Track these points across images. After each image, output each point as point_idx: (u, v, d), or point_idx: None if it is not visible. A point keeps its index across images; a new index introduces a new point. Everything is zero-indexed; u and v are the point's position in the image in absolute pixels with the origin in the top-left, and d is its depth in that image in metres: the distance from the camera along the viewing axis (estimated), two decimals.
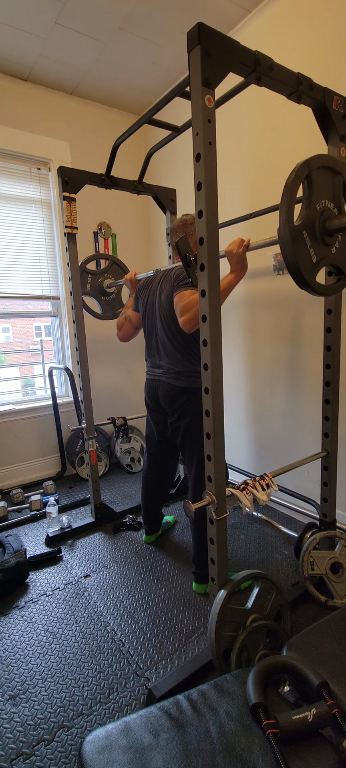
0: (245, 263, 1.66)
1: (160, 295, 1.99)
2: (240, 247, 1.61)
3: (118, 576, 2.14)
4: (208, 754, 0.88)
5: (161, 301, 1.97)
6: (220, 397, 1.36)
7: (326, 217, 1.27)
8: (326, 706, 0.93)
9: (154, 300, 2.05)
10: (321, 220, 1.26)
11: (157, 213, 3.60)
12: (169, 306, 1.91)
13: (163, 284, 1.98)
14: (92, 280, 2.81)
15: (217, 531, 1.41)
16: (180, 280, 1.82)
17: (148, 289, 2.11)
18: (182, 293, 1.78)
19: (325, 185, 1.28)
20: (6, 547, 2.20)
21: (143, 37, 2.71)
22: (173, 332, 1.94)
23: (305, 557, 1.81)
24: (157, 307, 2.02)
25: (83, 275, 2.76)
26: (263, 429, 2.84)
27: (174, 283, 1.86)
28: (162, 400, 2.03)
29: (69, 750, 1.28)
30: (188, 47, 1.21)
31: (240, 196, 2.79)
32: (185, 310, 1.73)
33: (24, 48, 2.74)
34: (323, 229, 1.27)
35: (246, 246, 1.61)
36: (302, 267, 1.23)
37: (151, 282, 2.11)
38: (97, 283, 2.86)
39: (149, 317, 2.08)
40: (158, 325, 2.02)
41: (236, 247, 1.62)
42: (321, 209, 1.27)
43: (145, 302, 2.11)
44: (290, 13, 2.31)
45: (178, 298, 1.80)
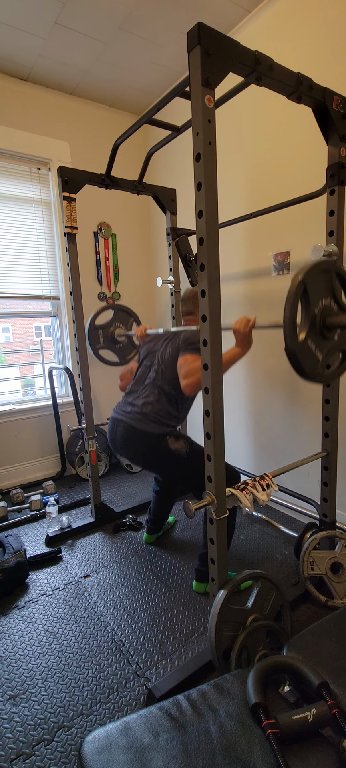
0: (251, 341, 1.80)
1: (165, 348, 2.05)
2: (246, 327, 1.75)
3: (118, 576, 2.14)
4: (208, 754, 0.88)
5: (164, 352, 2.03)
6: (220, 397, 1.36)
7: (326, 314, 1.34)
8: (326, 706, 0.93)
9: (156, 348, 2.11)
10: (321, 318, 1.33)
11: (157, 213, 3.60)
12: (171, 359, 1.97)
13: (171, 341, 2.05)
14: (104, 333, 2.91)
15: (217, 531, 1.41)
16: (188, 344, 1.91)
17: (153, 342, 2.18)
18: (186, 356, 1.87)
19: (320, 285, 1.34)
20: (6, 547, 2.20)
21: (143, 37, 2.71)
22: (164, 381, 1.98)
23: (305, 557, 1.81)
24: (158, 355, 2.07)
25: (95, 331, 2.85)
26: (263, 429, 2.84)
27: (182, 344, 1.94)
28: (119, 443, 2.03)
29: (69, 750, 1.28)
30: (188, 47, 1.21)
31: (240, 196, 2.79)
32: (189, 374, 1.82)
33: (24, 48, 2.74)
34: (324, 326, 1.34)
35: (252, 326, 1.75)
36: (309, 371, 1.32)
37: (158, 337, 2.18)
38: (109, 334, 2.94)
39: (147, 361, 2.14)
40: (153, 369, 2.06)
41: (242, 327, 1.75)
42: (320, 309, 1.33)
43: (148, 349, 2.17)
44: (290, 13, 2.31)
45: (182, 361, 1.88)
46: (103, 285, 3.66)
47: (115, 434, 2.04)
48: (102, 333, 2.88)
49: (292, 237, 2.46)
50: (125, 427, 1.97)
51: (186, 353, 1.89)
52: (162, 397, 1.97)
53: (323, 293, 1.34)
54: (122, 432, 1.98)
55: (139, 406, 1.98)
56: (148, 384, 2.04)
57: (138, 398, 2.03)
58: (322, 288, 1.34)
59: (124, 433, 1.97)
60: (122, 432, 1.98)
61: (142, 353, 2.21)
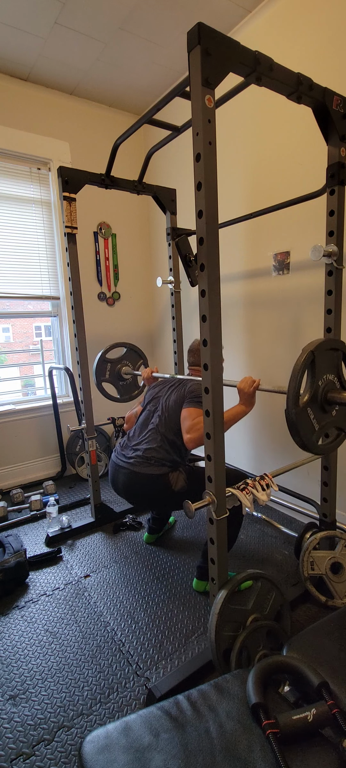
0: (254, 401, 1.86)
1: (170, 395, 2.07)
2: (251, 387, 1.82)
3: (118, 576, 2.14)
4: (208, 754, 0.88)
5: (169, 398, 2.06)
6: (220, 397, 1.36)
7: (328, 389, 1.40)
8: (326, 706, 0.93)
9: (161, 394, 2.13)
10: (323, 391, 1.39)
11: (157, 213, 3.60)
12: (175, 407, 2.00)
13: (176, 388, 2.07)
14: (111, 367, 2.95)
15: (217, 531, 1.41)
16: (193, 396, 1.94)
17: (159, 386, 2.21)
18: (191, 410, 1.91)
19: (327, 362, 1.41)
20: (6, 547, 2.20)
21: (143, 37, 2.71)
22: (166, 429, 2.00)
23: (305, 557, 1.81)
24: (162, 401, 2.09)
25: (103, 363, 2.89)
26: (263, 429, 2.84)
27: (187, 395, 1.97)
28: (121, 488, 2.04)
29: (69, 750, 1.28)
30: (188, 47, 1.21)
31: (240, 196, 2.79)
32: (192, 429, 1.85)
33: (24, 48, 2.74)
34: (325, 400, 1.40)
35: (256, 387, 1.82)
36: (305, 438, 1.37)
37: (164, 382, 2.21)
38: (116, 370, 2.97)
39: (151, 405, 2.16)
40: (157, 415, 2.08)
41: (247, 387, 1.82)
42: (323, 383, 1.40)
43: (153, 394, 2.19)
44: (290, 13, 2.31)
45: (186, 413, 1.91)
46: (103, 285, 3.66)
47: (117, 480, 2.06)
48: (110, 367, 2.94)
49: (292, 237, 2.46)
50: (127, 474, 1.98)
51: (190, 406, 1.92)
52: (165, 443, 1.98)
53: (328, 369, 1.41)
54: (124, 478, 2.00)
55: (141, 451, 2.00)
56: (152, 429, 2.05)
57: (141, 443, 2.04)
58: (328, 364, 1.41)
59: (127, 480, 1.99)
60: (124, 478, 2.00)
61: (147, 397, 2.23)
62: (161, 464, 1.94)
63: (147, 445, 2.01)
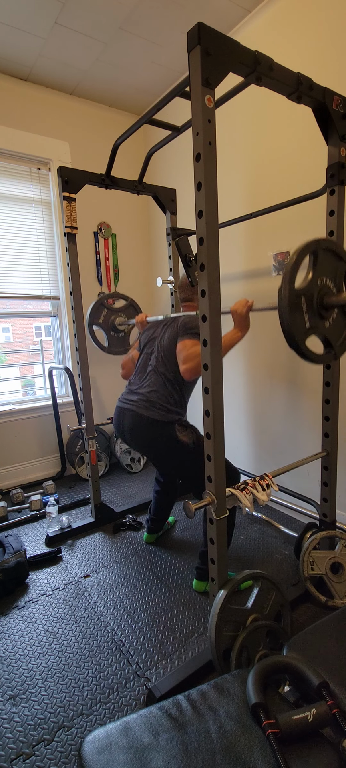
0: (248, 323, 1.82)
1: (164, 334, 2.05)
2: (244, 308, 1.77)
3: (118, 576, 2.14)
4: (208, 754, 0.88)
5: (163, 338, 2.04)
6: (220, 397, 1.36)
7: (325, 292, 1.36)
8: (326, 706, 0.93)
9: (155, 335, 2.11)
10: (320, 294, 1.35)
11: (157, 213, 3.60)
12: (170, 345, 1.97)
13: (170, 327, 2.05)
14: (107, 314, 2.89)
15: (217, 531, 1.41)
16: (186, 329, 1.91)
17: (152, 329, 2.18)
18: (185, 341, 1.87)
19: (328, 265, 1.37)
20: (6, 547, 2.20)
21: (143, 37, 2.71)
22: (166, 368, 1.98)
23: (305, 557, 1.81)
24: (157, 341, 2.07)
25: (100, 307, 2.83)
26: (263, 429, 2.84)
27: (180, 329, 1.94)
28: (127, 431, 2.02)
29: (69, 750, 1.28)
30: (188, 47, 1.21)
31: (240, 196, 2.79)
32: (188, 359, 1.82)
33: (24, 48, 2.74)
34: (321, 303, 1.35)
35: (249, 307, 1.77)
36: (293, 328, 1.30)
37: (158, 324, 2.19)
38: (110, 318, 2.92)
39: (147, 348, 2.14)
40: (154, 357, 2.06)
41: (240, 308, 1.77)
42: (321, 284, 1.35)
43: (148, 337, 2.17)
44: (290, 13, 2.31)
45: (181, 346, 1.88)
46: (103, 285, 3.66)
47: (122, 423, 2.03)
48: (105, 313, 2.86)
49: (292, 237, 2.45)
50: (133, 415, 1.96)
51: (185, 338, 1.88)
52: (166, 383, 1.96)
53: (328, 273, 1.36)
54: (130, 420, 1.98)
55: (144, 394, 1.98)
56: (151, 371, 2.03)
57: (142, 386, 2.02)
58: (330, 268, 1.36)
59: (132, 421, 1.97)
60: (130, 420, 1.98)
61: (143, 340, 2.20)
62: (166, 409, 1.92)
63: (148, 388, 1.99)
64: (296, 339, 1.31)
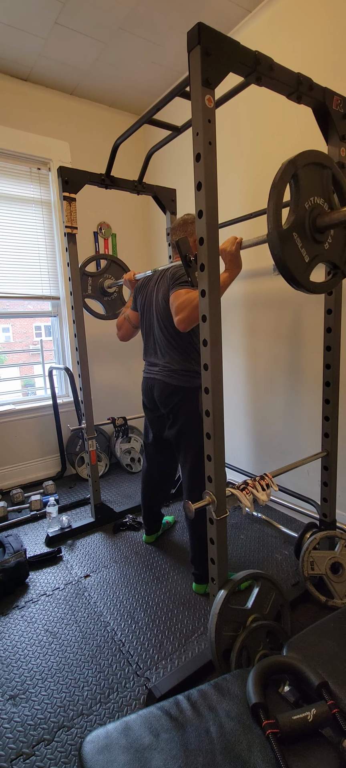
0: (240, 261, 1.66)
1: (157, 295, 1.99)
2: (233, 245, 1.61)
3: (118, 576, 2.14)
4: (208, 754, 0.88)
5: (158, 300, 1.98)
6: (220, 397, 1.36)
7: (316, 214, 1.23)
8: (326, 706, 0.93)
9: (151, 299, 2.05)
10: (311, 218, 1.23)
11: (157, 213, 3.60)
12: (166, 305, 1.91)
13: (160, 283, 1.98)
14: (93, 282, 2.82)
15: (217, 531, 1.41)
16: (176, 279, 1.82)
17: (145, 289, 2.12)
18: (177, 292, 1.78)
19: (313, 181, 1.24)
20: (6, 547, 2.20)
21: (143, 37, 2.71)
22: (169, 331, 1.94)
23: (305, 557, 1.81)
24: (154, 306, 2.02)
25: (84, 278, 2.77)
26: (263, 429, 2.84)
27: (170, 282, 1.86)
28: (157, 399, 2.02)
29: (69, 750, 1.28)
30: (188, 47, 1.21)
31: (240, 196, 2.79)
32: (180, 309, 1.73)
33: (24, 48, 2.74)
34: (314, 227, 1.23)
35: (239, 244, 1.61)
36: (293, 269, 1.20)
37: (149, 281, 2.12)
38: (98, 285, 2.86)
39: (147, 316, 2.09)
40: (155, 324, 2.02)
41: (229, 246, 1.62)
42: (310, 207, 1.23)
43: (143, 302, 2.12)
44: (290, 13, 2.31)
45: (173, 297, 1.80)
46: None
47: (151, 392, 2.05)
48: (91, 281, 2.77)
49: None
50: (160, 384, 1.98)
51: (175, 289, 1.80)
52: (177, 348, 1.94)
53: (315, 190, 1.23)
54: (159, 388, 1.98)
55: (162, 364, 1.98)
56: (158, 340, 2.01)
57: (157, 357, 2.03)
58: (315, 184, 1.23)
59: (161, 390, 1.97)
60: (159, 388, 1.98)
61: (139, 304, 2.15)
62: (188, 375, 1.91)
63: (164, 358, 1.99)
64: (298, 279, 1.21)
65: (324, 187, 1.26)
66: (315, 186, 1.25)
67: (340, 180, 1.31)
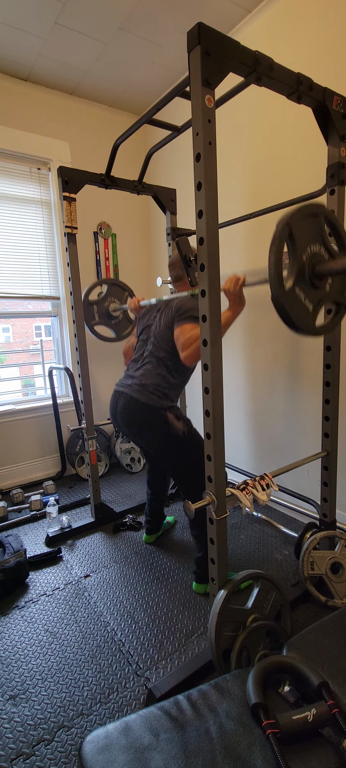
0: (243, 299, 1.70)
1: (159, 320, 2.03)
2: (237, 285, 1.66)
3: (118, 576, 2.14)
4: (208, 754, 0.88)
5: (159, 324, 2.01)
6: (220, 397, 1.36)
7: (315, 262, 1.25)
8: (326, 706, 0.93)
9: (152, 323, 2.09)
10: (310, 266, 1.24)
11: (157, 213, 3.60)
12: (166, 331, 1.94)
13: (164, 312, 2.02)
14: (98, 308, 2.88)
15: (217, 531, 1.41)
16: (182, 313, 1.86)
17: (148, 314, 2.16)
18: (183, 327, 1.82)
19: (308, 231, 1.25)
20: (6, 547, 2.20)
21: (143, 37, 2.71)
22: (162, 352, 1.96)
23: (305, 557, 1.81)
24: (153, 327, 2.05)
25: (89, 307, 2.82)
26: (263, 429, 2.84)
27: (175, 313, 1.89)
28: (119, 414, 2.00)
29: (69, 750, 1.28)
30: (188, 47, 1.21)
31: (240, 196, 2.79)
32: (187, 345, 1.77)
33: (24, 48, 2.74)
34: (314, 274, 1.25)
35: (242, 283, 1.66)
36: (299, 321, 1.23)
37: (152, 309, 2.16)
38: (104, 310, 2.91)
39: (144, 335, 2.12)
40: (150, 342, 2.04)
41: (232, 286, 1.66)
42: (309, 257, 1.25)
43: (144, 324, 2.16)
44: (290, 13, 2.31)
45: (179, 332, 1.83)
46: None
47: (115, 406, 2.03)
48: (97, 308, 2.85)
49: None
50: (125, 398, 1.95)
51: (181, 323, 1.83)
52: (161, 366, 1.93)
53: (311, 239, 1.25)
54: (122, 403, 1.96)
55: (138, 377, 1.96)
56: (147, 356, 2.01)
57: (137, 370, 2.01)
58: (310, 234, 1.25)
59: (124, 404, 1.95)
60: (122, 403, 1.96)
61: (139, 328, 2.18)
62: (158, 394, 1.89)
63: (142, 371, 1.97)
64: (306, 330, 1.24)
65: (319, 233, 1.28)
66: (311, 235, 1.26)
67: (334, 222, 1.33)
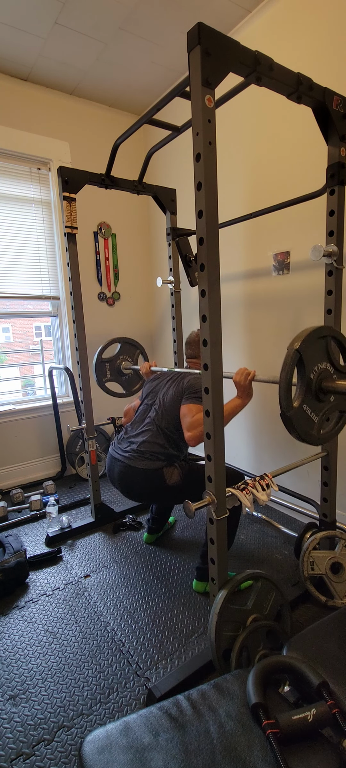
0: (251, 392, 1.83)
1: (168, 389, 2.05)
2: (246, 380, 1.79)
3: (118, 576, 2.14)
4: (208, 754, 0.88)
5: (167, 392, 2.04)
6: (220, 397, 1.36)
7: (322, 378, 1.34)
8: (326, 706, 0.93)
9: (159, 388, 2.11)
10: (317, 382, 1.33)
11: (158, 213, 3.60)
12: (172, 402, 1.98)
13: (174, 382, 2.05)
14: (110, 366, 2.95)
15: (217, 531, 1.41)
16: (192, 392, 1.91)
17: (157, 380, 2.19)
18: (190, 406, 1.88)
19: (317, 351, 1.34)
20: (6, 547, 2.20)
21: (143, 37, 2.71)
22: (165, 423, 1.98)
23: (305, 557, 1.81)
24: (160, 394, 2.08)
25: (102, 364, 2.89)
26: (263, 429, 2.84)
27: (185, 390, 1.94)
28: (116, 481, 2.03)
29: (69, 750, 1.28)
30: (188, 47, 1.21)
31: (240, 196, 2.79)
32: (192, 427, 1.82)
33: (24, 48, 2.74)
34: (320, 390, 1.34)
35: (251, 378, 1.79)
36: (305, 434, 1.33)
37: (162, 375, 2.19)
38: (115, 367, 2.97)
39: (149, 399, 2.14)
40: (154, 409, 2.06)
41: (243, 379, 1.79)
42: (316, 374, 1.33)
43: (151, 388, 2.18)
44: (290, 13, 2.31)
45: (186, 410, 1.88)
46: (103, 285, 3.66)
47: (113, 472, 2.06)
48: (109, 366, 2.95)
49: (292, 237, 2.46)
50: (122, 467, 1.98)
51: (190, 402, 1.89)
52: (160, 436, 1.97)
53: (319, 358, 1.35)
54: (119, 470, 1.99)
55: (137, 444, 1.99)
56: (148, 422, 2.04)
57: (137, 436, 2.03)
58: (318, 354, 1.35)
59: (121, 472, 1.98)
60: (119, 470, 1.99)
61: (145, 391, 2.22)
62: (156, 458, 1.93)
63: (142, 438, 2.00)
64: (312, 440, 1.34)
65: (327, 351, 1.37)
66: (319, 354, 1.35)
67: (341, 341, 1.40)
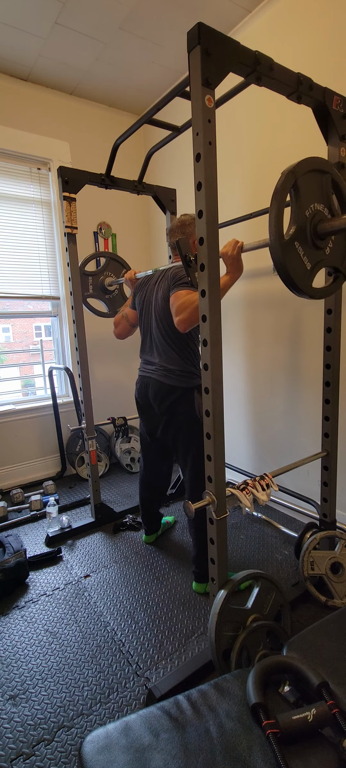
0: (241, 264, 1.67)
1: (157, 294, 1.99)
2: (235, 249, 1.63)
3: (118, 576, 2.14)
4: (208, 754, 0.88)
5: (157, 299, 1.98)
6: (220, 397, 1.36)
7: (317, 221, 1.24)
8: (326, 706, 0.93)
9: (150, 298, 2.05)
10: (312, 225, 1.24)
11: (157, 213, 3.60)
12: (165, 305, 1.91)
13: (160, 283, 1.99)
14: (93, 281, 2.83)
15: (217, 531, 1.41)
16: (177, 280, 1.83)
17: (145, 287, 2.12)
18: (177, 293, 1.79)
19: (313, 188, 1.25)
20: (6, 547, 2.20)
21: (143, 37, 2.71)
22: (167, 330, 1.94)
23: (305, 557, 1.81)
24: (153, 305, 2.02)
25: (84, 278, 2.77)
26: (263, 429, 2.84)
27: (170, 282, 1.87)
28: (152, 398, 2.02)
29: (69, 750, 1.28)
30: (188, 47, 1.21)
31: (240, 196, 2.79)
32: (180, 310, 1.73)
33: (24, 48, 2.74)
34: (315, 234, 1.24)
35: (240, 247, 1.63)
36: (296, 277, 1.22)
37: (149, 280, 2.12)
38: (99, 283, 2.86)
39: (145, 315, 2.09)
40: (153, 323, 2.02)
41: (230, 249, 1.64)
42: (311, 214, 1.24)
43: (142, 300, 2.12)
44: (290, 13, 2.31)
45: (174, 298, 1.80)
46: None
47: (146, 390, 2.03)
48: (92, 281, 2.80)
49: None
50: (155, 383, 1.96)
51: (176, 290, 1.81)
52: (175, 348, 1.93)
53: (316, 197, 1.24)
54: (154, 387, 1.98)
55: (157, 365, 1.97)
56: (157, 341, 2.00)
57: (154, 357, 2.01)
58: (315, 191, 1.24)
59: (156, 389, 1.96)
60: (154, 387, 1.98)
61: (138, 303, 2.15)
62: (186, 374, 1.91)
63: (161, 357, 1.98)
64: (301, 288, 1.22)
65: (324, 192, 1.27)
66: (315, 192, 1.26)
67: (339, 184, 1.32)
